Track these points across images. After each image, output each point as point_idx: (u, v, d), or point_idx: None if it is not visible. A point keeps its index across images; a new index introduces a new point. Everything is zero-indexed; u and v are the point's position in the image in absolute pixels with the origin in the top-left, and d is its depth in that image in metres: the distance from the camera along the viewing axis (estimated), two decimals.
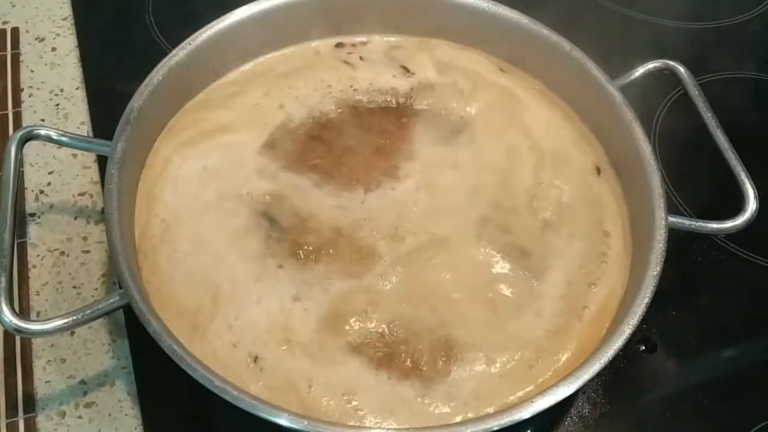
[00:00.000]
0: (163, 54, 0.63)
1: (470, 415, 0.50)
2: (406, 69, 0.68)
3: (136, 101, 0.59)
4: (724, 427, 0.58)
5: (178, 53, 0.62)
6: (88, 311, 0.51)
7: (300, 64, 0.68)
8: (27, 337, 0.58)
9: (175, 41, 0.63)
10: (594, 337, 0.53)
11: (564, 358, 0.53)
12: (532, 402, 0.47)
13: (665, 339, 0.61)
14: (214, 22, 0.64)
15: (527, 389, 0.51)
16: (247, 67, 0.68)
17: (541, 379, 0.52)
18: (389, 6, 0.69)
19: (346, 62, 0.68)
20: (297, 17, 0.68)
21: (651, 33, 0.83)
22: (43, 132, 0.59)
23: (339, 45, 0.70)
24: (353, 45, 0.70)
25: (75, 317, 0.50)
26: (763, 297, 0.65)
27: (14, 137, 0.58)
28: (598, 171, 0.62)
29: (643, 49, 0.73)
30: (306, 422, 0.45)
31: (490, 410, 0.50)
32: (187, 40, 0.63)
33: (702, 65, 0.77)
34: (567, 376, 0.48)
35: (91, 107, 0.73)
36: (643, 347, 0.61)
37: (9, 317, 0.49)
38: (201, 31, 0.64)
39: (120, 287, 0.51)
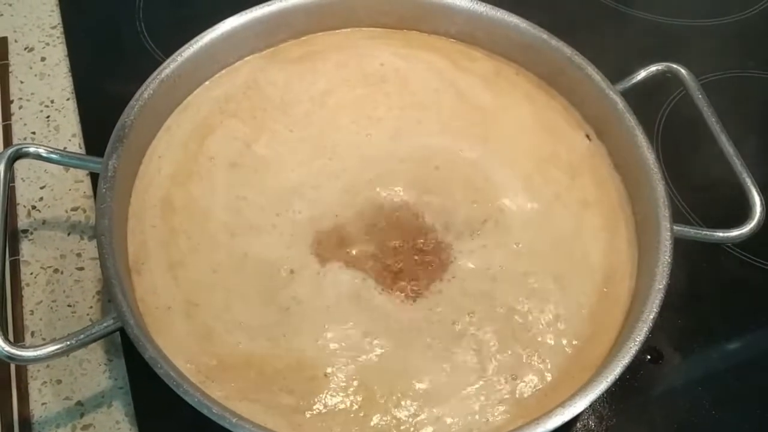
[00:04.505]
0: (155, 61, 0.62)
1: None
2: None
3: (127, 117, 0.58)
4: None
5: (169, 65, 0.61)
6: (82, 336, 0.50)
7: None
8: (20, 365, 0.57)
9: (167, 48, 0.62)
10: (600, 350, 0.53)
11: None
12: (538, 423, 0.46)
13: (671, 348, 0.60)
14: (205, 33, 0.63)
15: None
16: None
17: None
18: (375, 5, 0.68)
19: None
20: (291, 22, 0.67)
21: (651, 31, 0.82)
22: (32, 149, 0.57)
23: None
24: None
25: (69, 342, 0.49)
26: None
27: (3, 156, 0.56)
28: None
29: (644, 49, 0.71)
30: None
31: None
32: (178, 51, 0.61)
33: (704, 64, 0.75)
34: (573, 395, 0.48)
35: (82, 119, 0.72)
36: (649, 357, 0.60)
37: (1, 344, 0.48)
38: (192, 42, 0.62)
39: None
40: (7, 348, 0.48)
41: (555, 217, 0.59)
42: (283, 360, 0.52)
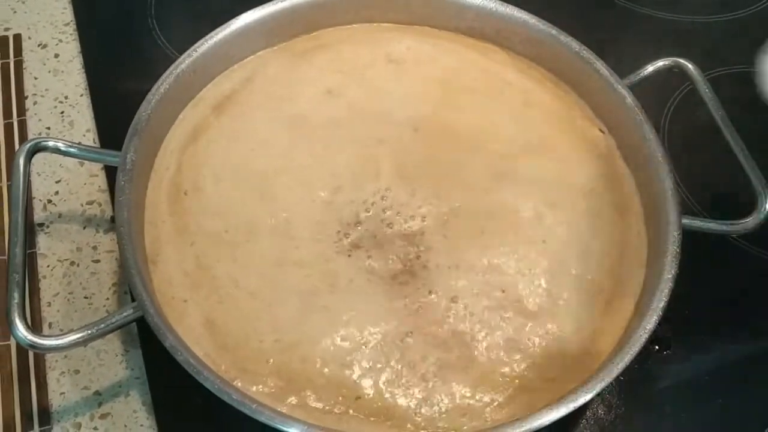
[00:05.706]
0: (167, 57, 0.62)
1: None
2: None
3: (144, 111, 0.58)
4: (739, 426, 0.58)
5: (185, 60, 0.62)
6: (102, 325, 0.50)
7: None
8: (41, 353, 0.58)
9: (179, 44, 0.63)
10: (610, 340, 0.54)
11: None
12: (550, 409, 0.47)
13: (678, 338, 0.61)
14: (220, 28, 0.64)
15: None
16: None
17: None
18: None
19: None
20: (302, 17, 0.68)
21: (658, 27, 0.82)
22: (51, 143, 0.58)
23: None
24: None
25: (89, 331, 0.50)
26: None
27: (22, 150, 0.57)
28: None
29: (651, 45, 0.72)
30: None
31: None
32: (194, 47, 0.62)
33: (711, 59, 0.76)
34: (584, 383, 0.48)
35: (96, 114, 0.73)
36: (657, 347, 0.61)
37: (23, 333, 0.49)
38: (207, 37, 0.63)
39: (133, 300, 0.51)
40: (30, 336, 0.49)
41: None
42: (319, 378, 0.52)
